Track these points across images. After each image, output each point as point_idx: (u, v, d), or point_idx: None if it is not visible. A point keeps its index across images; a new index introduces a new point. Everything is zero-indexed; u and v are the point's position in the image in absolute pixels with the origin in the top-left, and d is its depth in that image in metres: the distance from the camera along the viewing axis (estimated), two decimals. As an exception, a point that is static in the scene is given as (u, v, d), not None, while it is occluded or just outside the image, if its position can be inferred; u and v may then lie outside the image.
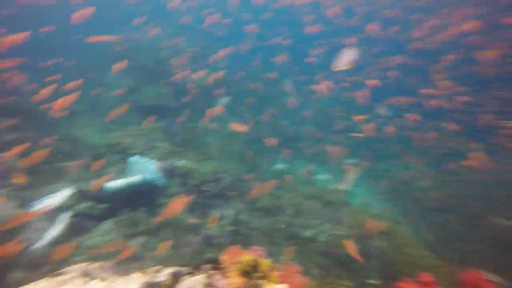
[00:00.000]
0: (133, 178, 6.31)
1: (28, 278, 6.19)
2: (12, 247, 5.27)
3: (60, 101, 6.93)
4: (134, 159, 7.45)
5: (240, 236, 7.28)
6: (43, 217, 6.61)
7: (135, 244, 6.92)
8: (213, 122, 11.56)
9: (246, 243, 6.90)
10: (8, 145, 7.76)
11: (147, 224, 7.26)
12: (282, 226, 7.57)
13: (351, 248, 5.85)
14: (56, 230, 5.91)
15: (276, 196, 8.69)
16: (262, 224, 7.74)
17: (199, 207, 7.98)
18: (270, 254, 5.53)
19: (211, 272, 3.25)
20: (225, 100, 13.40)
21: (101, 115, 12.16)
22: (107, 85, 13.94)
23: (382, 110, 14.06)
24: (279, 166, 11.41)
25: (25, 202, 6.87)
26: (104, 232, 7.41)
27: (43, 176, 7.96)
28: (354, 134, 12.14)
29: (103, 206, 6.54)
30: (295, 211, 8.07)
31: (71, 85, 8.37)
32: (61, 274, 3.62)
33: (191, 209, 7.90)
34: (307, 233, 7.33)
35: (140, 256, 6.75)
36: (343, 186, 10.00)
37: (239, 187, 8.74)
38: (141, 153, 8.62)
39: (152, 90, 13.68)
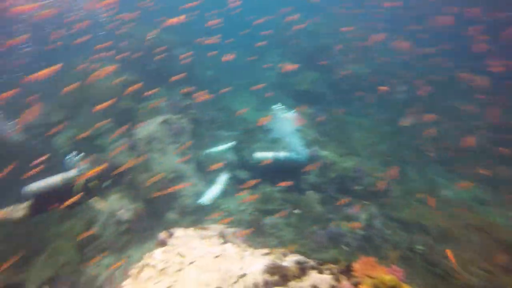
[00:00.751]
0: (281, 153, 6.54)
1: (180, 222, 7.59)
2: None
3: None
4: (286, 135, 7.65)
5: (371, 244, 6.69)
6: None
7: (266, 220, 7.38)
8: (360, 118, 10.86)
9: (377, 254, 6.31)
10: (184, 109, 9.45)
11: (282, 204, 7.58)
12: (421, 248, 6.51)
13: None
14: (216, 189, 6.71)
15: (420, 212, 7.52)
16: (397, 238, 6.88)
17: (332, 201, 7.76)
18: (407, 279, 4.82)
19: (340, 275, 3.03)
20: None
21: (257, 94, 13.28)
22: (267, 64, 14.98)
23: None
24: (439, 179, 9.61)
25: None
26: (240, 201, 8.20)
27: (205, 140, 9.41)
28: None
29: (249, 173, 7.03)
30: (441, 236, 6.79)
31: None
32: (205, 229, 4.12)
33: (323, 201, 7.77)
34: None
35: (266, 232, 7.16)
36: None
37: (377, 191, 8.00)
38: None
39: (309, 75, 13.88)
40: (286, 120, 7.21)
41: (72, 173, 5.14)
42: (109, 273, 6.65)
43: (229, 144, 7.02)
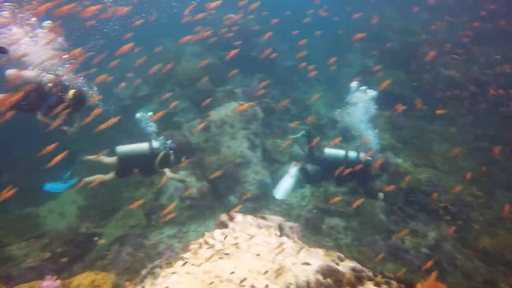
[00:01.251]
0: (351, 153, 6.20)
1: (240, 206, 7.79)
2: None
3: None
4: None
5: (437, 267, 6.03)
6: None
7: (325, 220, 7.18)
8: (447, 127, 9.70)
9: (443, 280, 5.69)
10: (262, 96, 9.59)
11: (344, 205, 7.30)
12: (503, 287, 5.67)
13: None
14: (290, 181, 6.71)
15: (507, 244, 6.52)
16: (470, 267, 6.08)
17: (398, 212, 7.19)
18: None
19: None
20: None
21: (333, 90, 12.83)
22: (347, 63, 14.32)
23: None
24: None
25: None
26: (301, 196, 8.11)
27: (274, 130, 9.45)
28: None
29: (314, 169, 6.87)
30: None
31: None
32: (264, 218, 4.13)
33: (388, 210, 7.25)
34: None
35: (324, 232, 6.96)
36: None
37: (454, 211, 7.15)
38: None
39: (391, 75, 12.88)
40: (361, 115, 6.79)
41: (156, 144, 5.64)
42: (170, 242, 7.17)
43: (299, 134, 6.84)
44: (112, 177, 5.62)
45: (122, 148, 5.57)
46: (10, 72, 4.98)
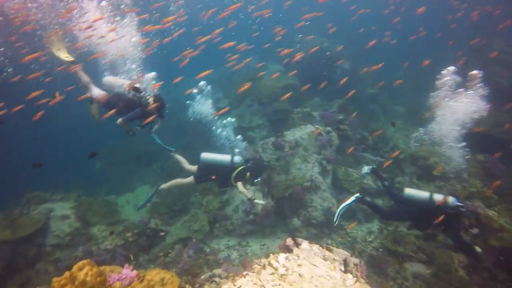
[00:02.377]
0: (434, 196, 5.67)
1: (301, 230, 7.72)
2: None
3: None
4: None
5: None
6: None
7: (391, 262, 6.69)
8: None
9: None
10: (338, 122, 9.48)
11: (415, 251, 6.74)
12: None
13: None
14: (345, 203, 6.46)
15: None
16: None
17: (483, 274, 6.33)
18: None
19: None
20: None
21: (414, 123, 12.05)
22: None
23: None
24: None
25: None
26: (368, 231, 7.70)
27: (348, 158, 9.23)
28: None
29: (390, 206, 6.46)
30: None
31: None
32: (330, 250, 4.06)
33: (471, 268, 6.44)
34: None
35: (389, 275, 6.47)
36: None
37: None
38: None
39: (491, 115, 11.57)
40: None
41: (238, 158, 5.94)
42: (229, 253, 7.37)
43: (367, 169, 6.56)
44: (191, 181, 6.04)
45: (207, 155, 5.97)
46: (108, 78, 5.64)
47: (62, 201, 8.51)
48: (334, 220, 5.99)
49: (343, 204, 6.15)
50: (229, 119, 6.89)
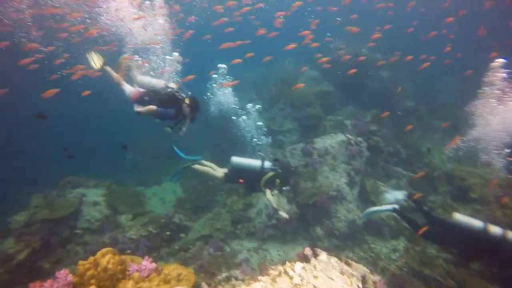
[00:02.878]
0: (490, 227, 5.08)
1: (323, 240, 7.63)
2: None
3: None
4: None
5: None
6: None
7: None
8: None
9: None
10: (371, 133, 9.26)
11: (442, 276, 6.42)
12: None
13: None
14: (380, 208, 6.22)
15: None
16: None
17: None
18: None
19: None
20: None
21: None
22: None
23: None
24: None
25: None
26: (392, 248, 7.43)
27: (378, 171, 8.98)
28: None
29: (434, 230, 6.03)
30: None
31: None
32: (349, 264, 3.99)
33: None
34: None
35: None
36: None
37: None
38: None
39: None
40: None
41: (268, 164, 5.97)
42: (248, 255, 7.43)
43: (401, 194, 6.24)
44: (220, 176, 6.11)
45: (237, 159, 6.02)
46: (143, 77, 5.63)
47: (95, 187, 8.99)
48: (362, 215, 5.81)
49: (377, 208, 5.96)
50: (258, 123, 6.94)
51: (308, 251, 4.30)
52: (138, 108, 5.33)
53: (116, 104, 7.09)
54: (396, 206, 5.80)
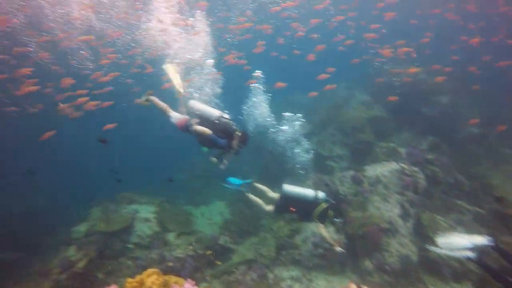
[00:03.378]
0: None
1: (372, 275, 7.16)
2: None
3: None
4: None
5: None
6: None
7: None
8: None
9: None
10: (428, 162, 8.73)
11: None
12: None
13: None
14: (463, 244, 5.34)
15: None
16: None
17: None
18: None
19: None
20: None
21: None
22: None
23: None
24: None
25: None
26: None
27: (436, 204, 8.34)
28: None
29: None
30: None
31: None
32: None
33: None
34: None
35: None
36: None
37: None
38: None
39: None
40: None
41: (321, 195, 5.86)
42: (292, 284, 7.23)
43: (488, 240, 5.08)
44: (270, 210, 6.08)
45: (289, 188, 5.94)
46: (195, 102, 5.62)
47: (147, 204, 9.48)
48: (437, 249, 5.06)
49: (446, 251, 5.24)
50: (306, 146, 6.89)
51: (352, 286, 4.10)
52: (195, 124, 5.33)
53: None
54: (475, 255, 4.83)
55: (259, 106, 7.29)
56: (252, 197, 6.26)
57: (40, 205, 11.97)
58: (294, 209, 5.86)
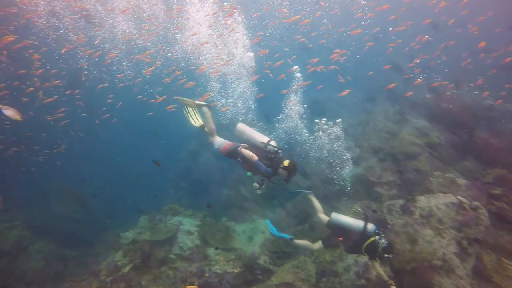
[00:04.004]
0: None
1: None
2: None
3: None
4: None
5: None
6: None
7: None
8: None
9: None
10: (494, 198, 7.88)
11: None
12: None
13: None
14: None
15: None
16: None
17: None
18: None
19: None
20: None
21: None
22: None
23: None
24: None
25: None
26: None
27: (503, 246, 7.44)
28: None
29: None
30: None
31: None
32: None
33: None
34: None
35: None
36: None
37: None
38: None
39: None
40: None
41: (371, 227, 5.60)
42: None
43: None
44: (319, 247, 5.88)
45: (337, 217, 5.77)
46: (244, 127, 5.48)
47: (190, 217, 9.76)
48: None
49: None
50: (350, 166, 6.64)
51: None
52: (242, 148, 5.19)
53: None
54: None
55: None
56: (298, 242, 6.10)
57: (98, 208, 12.94)
58: (341, 238, 5.64)
